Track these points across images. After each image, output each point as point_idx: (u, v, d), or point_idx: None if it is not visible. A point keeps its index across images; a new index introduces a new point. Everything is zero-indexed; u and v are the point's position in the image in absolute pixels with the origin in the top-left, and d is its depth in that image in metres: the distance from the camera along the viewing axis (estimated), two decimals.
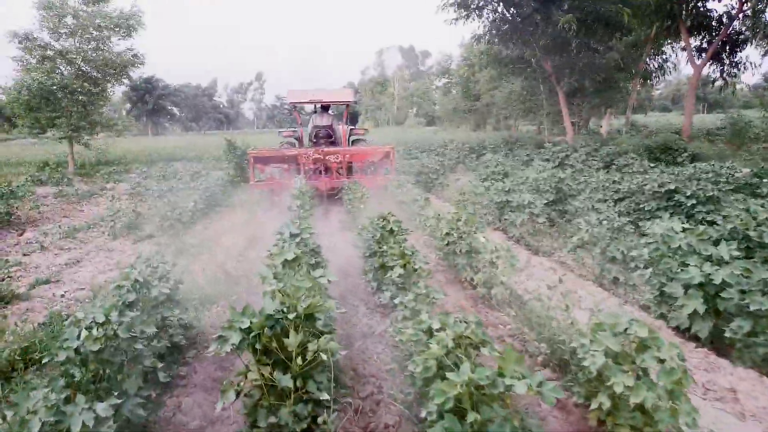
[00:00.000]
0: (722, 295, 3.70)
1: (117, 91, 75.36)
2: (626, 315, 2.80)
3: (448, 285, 5.91)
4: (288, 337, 2.65)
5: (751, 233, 4.84)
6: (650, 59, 25.22)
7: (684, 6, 21.27)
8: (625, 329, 2.67)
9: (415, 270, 4.34)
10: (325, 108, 13.78)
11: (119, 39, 20.69)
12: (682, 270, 3.93)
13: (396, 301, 3.77)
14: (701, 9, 21.59)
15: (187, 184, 15.82)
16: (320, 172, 11.50)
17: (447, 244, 5.96)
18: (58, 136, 19.93)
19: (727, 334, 3.63)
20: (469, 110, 42.87)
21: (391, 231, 5.37)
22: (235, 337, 2.55)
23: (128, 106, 72.36)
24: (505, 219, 7.85)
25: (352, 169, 11.92)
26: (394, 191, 10.51)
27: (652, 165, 11.59)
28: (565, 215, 8.12)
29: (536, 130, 34.39)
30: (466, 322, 2.98)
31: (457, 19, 20.69)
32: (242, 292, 5.98)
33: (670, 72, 30.36)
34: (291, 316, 2.71)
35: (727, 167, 9.57)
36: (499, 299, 4.95)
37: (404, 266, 4.39)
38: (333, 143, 13.06)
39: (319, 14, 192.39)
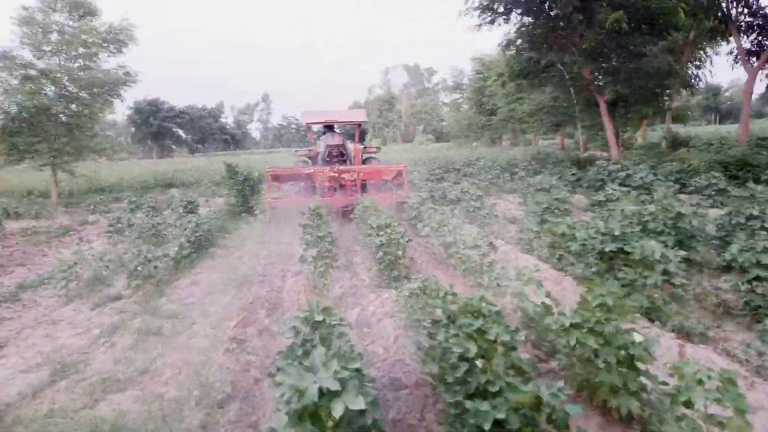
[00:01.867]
0: None
1: (119, 112, 74.11)
2: None
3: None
4: None
5: None
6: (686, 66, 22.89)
7: (737, 3, 18.95)
8: None
9: None
10: (337, 128, 14.08)
11: (108, 55, 18.63)
12: None
13: None
14: (754, 7, 19.27)
15: (181, 215, 13.54)
16: (335, 190, 11.68)
17: (573, 348, 3.50)
18: (39, 163, 17.71)
19: None
20: (483, 125, 40.57)
21: (494, 342, 2.93)
22: None
23: (132, 129, 70.83)
24: (620, 277, 5.35)
25: (365, 187, 12.11)
26: (436, 228, 8.08)
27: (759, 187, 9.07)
28: (696, 268, 5.64)
29: (560, 145, 31.93)
30: None
31: (480, 25, 18.52)
32: None
33: (706, 80, 28.01)
34: None
35: None
36: None
37: None
38: (345, 162, 13.24)
39: (323, 35, 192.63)
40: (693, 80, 25.05)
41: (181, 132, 77.10)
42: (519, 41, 17.80)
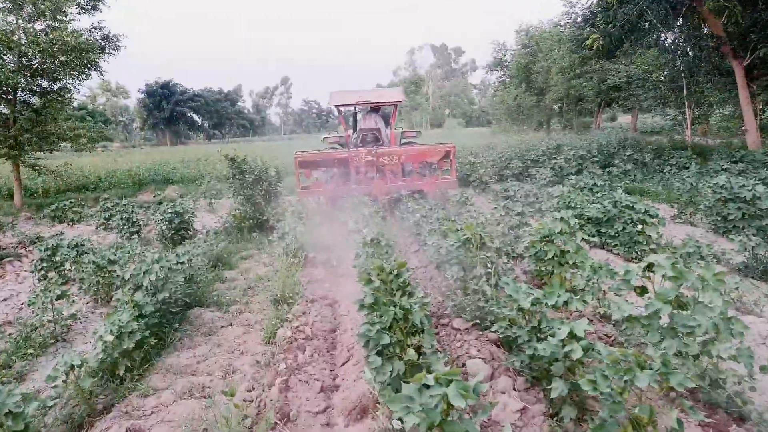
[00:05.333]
0: None
1: (133, 97, 70.18)
2: None
3: None
4: None
5: None
6: None
7: None
8: None
9: None
10: (373, 110, 12.22)
11: (79, 12, 14.42)
12: None
13: None
14: None
15: (164, 235, 9.40)
16: (372, 176, 10.23)
17: None
18: None
19: None
20: (533, 106, 35.64)
21: None
22: None
23: (144, 114, 67.11)
24: None
25: (404, 172, 10.84)
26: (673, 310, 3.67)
27: None
28: None
29: (633, 127, 26.99)
30: None
31: None
32: None
33: None
34: None
35: None
36: None
37: None
38: (381, 147, 11.31)
39: (343, 13, 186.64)
40: None
41: (196, 117, 73.12)
42: None
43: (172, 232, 9.29)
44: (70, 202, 13.28)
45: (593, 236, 6.62)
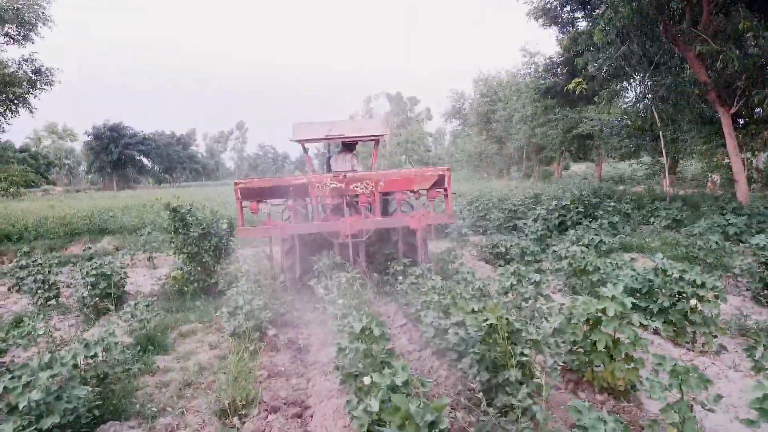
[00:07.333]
0: None
1: (79, 140, 66.38)
2: None
3: None
4: None
5: None
6: None
7: None
8: None
9: None
10: (347, 147, 9.73)
11: (6, 42, 12.75)
12: None
13: None
14: None
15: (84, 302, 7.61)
16: (340, 211, 8.00)
17: None
18: None
19: None
20: (495, 154, 35.60)
21: None
22: None
23: (91, 157, 63.67)
24: None
25: (386, 207, 8.88)
26: None
27: None
28: None
29: (598, 175, 26.82)
30: None
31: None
32: None
33: None
34: None
35: None
36: None
37: None
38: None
39: (300, 62, 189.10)
40: None
41: (145, 160, 70.13)
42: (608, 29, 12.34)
43: (96, 299, 7.51)
44: None
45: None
